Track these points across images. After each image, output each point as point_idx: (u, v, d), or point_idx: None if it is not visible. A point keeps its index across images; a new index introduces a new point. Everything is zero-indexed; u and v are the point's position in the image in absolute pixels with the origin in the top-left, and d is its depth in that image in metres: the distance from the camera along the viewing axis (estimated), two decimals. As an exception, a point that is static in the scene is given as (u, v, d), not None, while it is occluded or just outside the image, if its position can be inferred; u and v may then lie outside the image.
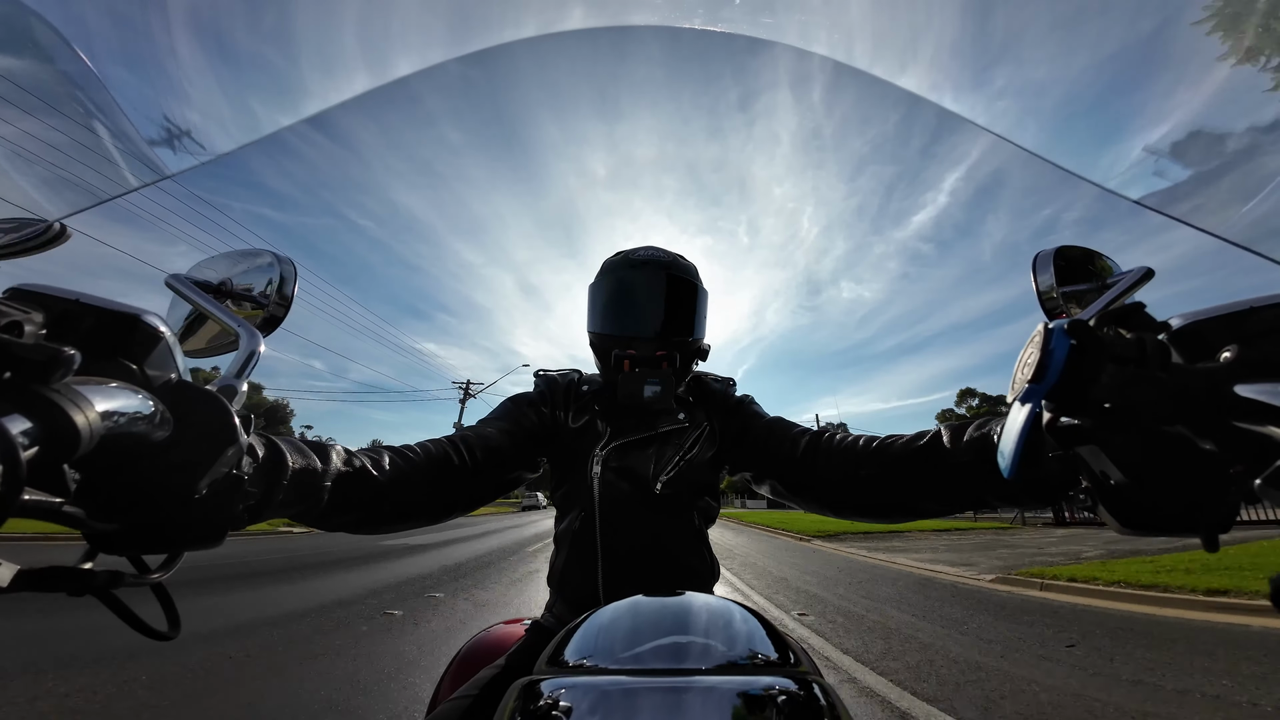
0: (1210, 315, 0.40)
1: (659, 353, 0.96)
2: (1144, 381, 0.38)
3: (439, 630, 4.89)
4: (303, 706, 3.03)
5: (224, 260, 0.67)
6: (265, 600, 5.97)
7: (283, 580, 7.41)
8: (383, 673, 3.63)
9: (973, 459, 0.64)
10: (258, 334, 0.56)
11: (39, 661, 3.49)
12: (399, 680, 3.49)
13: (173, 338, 0.42)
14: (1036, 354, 0.41)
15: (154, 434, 0.35)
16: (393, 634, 4.70)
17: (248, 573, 7.81)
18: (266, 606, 5.62)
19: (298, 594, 6.41)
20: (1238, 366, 0.36)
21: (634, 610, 0.52)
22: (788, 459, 0.91)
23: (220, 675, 3.46)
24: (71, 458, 0.29)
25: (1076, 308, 0.67)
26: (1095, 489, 0.43)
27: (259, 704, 3.04)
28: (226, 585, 6.66)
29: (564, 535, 0.96)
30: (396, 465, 0.72)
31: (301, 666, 3.73)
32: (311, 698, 3.15)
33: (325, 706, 3.03)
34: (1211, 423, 0.36)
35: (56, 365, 0.29)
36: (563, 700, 0.39)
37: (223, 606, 5.44)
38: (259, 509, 0.48)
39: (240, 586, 6.70)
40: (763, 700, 0.38)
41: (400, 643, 4.41)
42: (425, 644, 4.38)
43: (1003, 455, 0.45)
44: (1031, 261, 0.71)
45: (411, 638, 4.60)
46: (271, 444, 0.51)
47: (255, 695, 3.15)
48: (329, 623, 5.03)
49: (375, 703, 3.11)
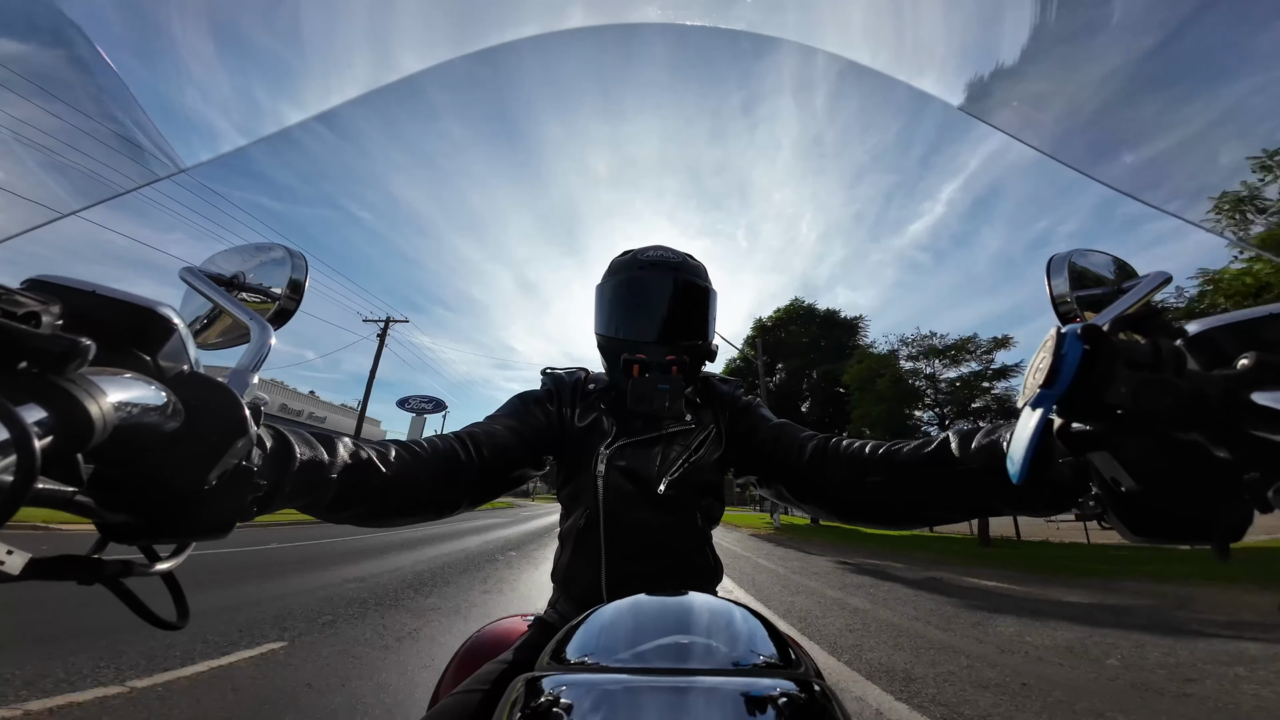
0: (1228, 322, 0.39)
1: (669, 357, 0.95)
2: (1158, 387, 0.37)
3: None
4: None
5: (237, 254, 0.68)
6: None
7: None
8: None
9: (982, 465, 0.64)
10: (269, 327, 0.57)
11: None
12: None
13: (186, 330, 0.43)
14: (1049, 358, 0.41)
15: (166, 425, 0.36)
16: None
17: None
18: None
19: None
20: (1255, 374, 0.35)
21: (636, 609, 0.52)
22: (795, 463, 0.90)
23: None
24: (85, 448, 0.30)
25: (1091, 313, 0.66)
26: (1106, 495, 0.42)
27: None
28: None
29: (569, 533, 0.97)
30: (403, 459, 0.72)
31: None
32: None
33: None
34: (1227, 430, 0.36)
35: (73, 356, 0.29)
36: (564, 697, 0.39)
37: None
38: (267, 500, 0.48)
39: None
40: (764, 702, 0.38)
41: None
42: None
43: (1012, 460, 0.45)
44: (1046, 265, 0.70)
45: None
46: (280, 435, 0.52)
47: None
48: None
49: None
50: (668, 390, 0.92)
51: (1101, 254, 0.69)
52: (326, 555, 8.67)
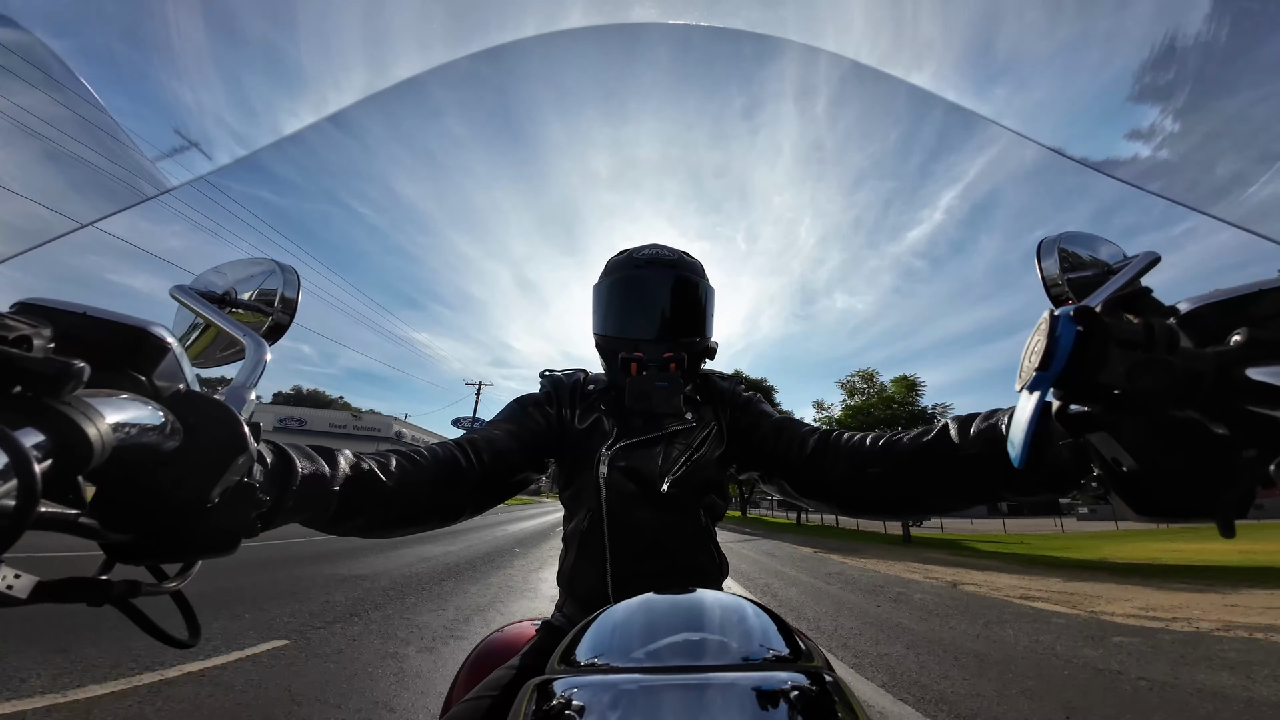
0: (1219, 299, 0.39)
1: (666, 354, 0.95)
2: (1152, 366, 0.37)
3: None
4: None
5: (227, 269, 0.67)
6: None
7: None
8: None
9: (982, 451, 0.64)
10: (263, 343, 0.56)
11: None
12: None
13: (180, 348, 0.42)
14: (1043, 341, 0.41)
15: (165, 444, 0.35)
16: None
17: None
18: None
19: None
20: (1249, 350, 0.35)
21: (646, 608, 0.52)
22: (797, 458, 0.90)
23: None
24: (85, 469, 0.30)
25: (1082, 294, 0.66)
26: (1107, 476, 0.42)
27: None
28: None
29: (573, 535, 0.96)
30: (404, 469, 0.72)
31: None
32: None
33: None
34: (1223, 407, 0.36)
35: (67, 378, 0.29)
36: (576, 699, 0.39)
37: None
38: (270, 515, 0.48)
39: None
40: (777, 696, 0.38)
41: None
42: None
43: (1012, 444, 0.45)
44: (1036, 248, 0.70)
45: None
46: (280, 451, 0.51)
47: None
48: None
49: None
50: (665, 387, 0.91)
51: (1090, 236, 0.69)
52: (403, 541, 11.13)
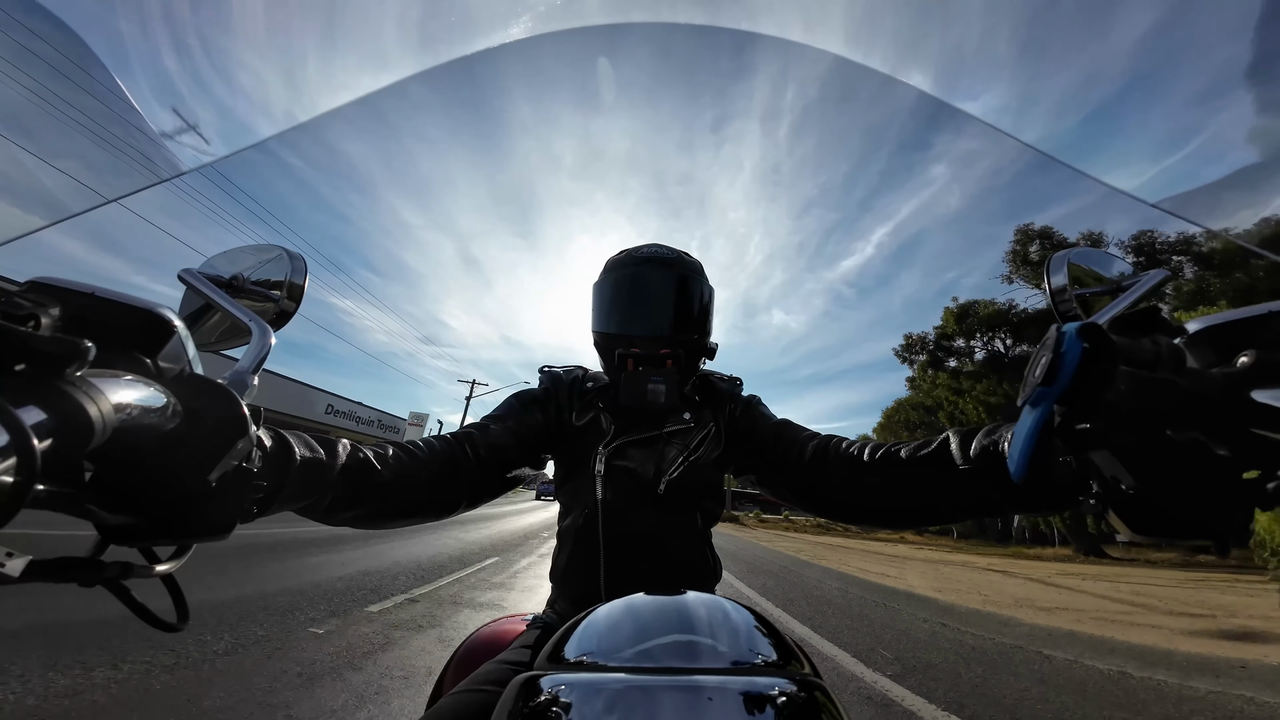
0: (1227, 320, 0.39)
1: (663, 351, 0.95)
2: (1158, 386, 0.37)
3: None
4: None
5: (235, 255, 0.68)
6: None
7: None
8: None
9: (982, 465, 0.63)
10: (268, 329, 0.57)
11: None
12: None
13: (185, 331, 0.43)
14: (1048, 356, 0.41)
15: (165, 426, 0.36)
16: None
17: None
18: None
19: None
20: (1255, 372, 0.35)
21: (635, 608, 0.52)
22: (795, 463, 0.90)
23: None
24: (85, 450, 0.30)
25: (1090, 311, 0.65)
26: (1106, 494, 0.42)
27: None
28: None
29: (567, 531, 0.97)
30: (401, 461, 0.72)
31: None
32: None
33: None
34: (1227, 428, 0.36)
35: (72, 358, 0.29)
36: (563, 696, 0.39)
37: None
38: (267, 501, 0.48)
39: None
40: (764, 701, 0.38)
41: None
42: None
43: (1012, 459, 0.45)
44: (1045, 263, 0.70)
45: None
46: (279, 437, 0.51)
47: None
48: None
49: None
50: (661, 383, 0.91)
51: (1101, 253, 0.69)
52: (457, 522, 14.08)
